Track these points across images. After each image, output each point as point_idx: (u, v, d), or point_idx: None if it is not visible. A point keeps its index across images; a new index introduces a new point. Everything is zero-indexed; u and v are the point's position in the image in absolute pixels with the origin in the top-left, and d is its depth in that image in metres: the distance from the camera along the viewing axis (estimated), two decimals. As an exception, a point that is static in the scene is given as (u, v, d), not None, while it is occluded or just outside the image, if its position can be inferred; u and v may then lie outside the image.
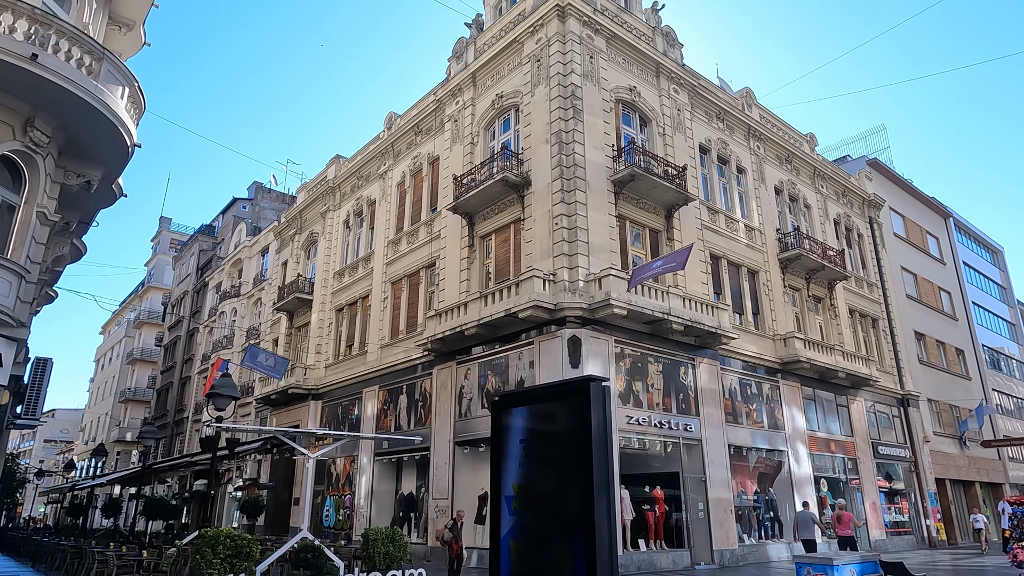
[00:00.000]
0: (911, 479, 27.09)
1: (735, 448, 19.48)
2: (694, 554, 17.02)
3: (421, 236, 22.97)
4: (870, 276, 29.52)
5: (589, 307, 16.33)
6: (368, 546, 12.72)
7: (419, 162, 24.18)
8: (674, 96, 21.78)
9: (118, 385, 58.64)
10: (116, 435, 53.68)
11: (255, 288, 37.19)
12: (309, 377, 26.54)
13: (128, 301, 65.29)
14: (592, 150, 18.24)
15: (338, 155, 30.68)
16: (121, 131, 10.97)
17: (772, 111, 27.84)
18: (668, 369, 18.33)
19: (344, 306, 26.91)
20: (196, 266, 49.44)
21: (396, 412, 21.85)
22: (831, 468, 23.21)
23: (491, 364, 18.41)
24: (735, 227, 22.70)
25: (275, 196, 48.34)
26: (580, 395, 5.11)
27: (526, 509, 5.26)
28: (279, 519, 26.61)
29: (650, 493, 17.19)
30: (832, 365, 22.82)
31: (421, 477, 20.47)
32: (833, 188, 29.12)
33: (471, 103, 21.92)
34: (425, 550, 18.48)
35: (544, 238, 17.57)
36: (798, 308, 24.51)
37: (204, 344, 42.38)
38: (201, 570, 10.82)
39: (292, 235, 32.85)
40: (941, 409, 31.61)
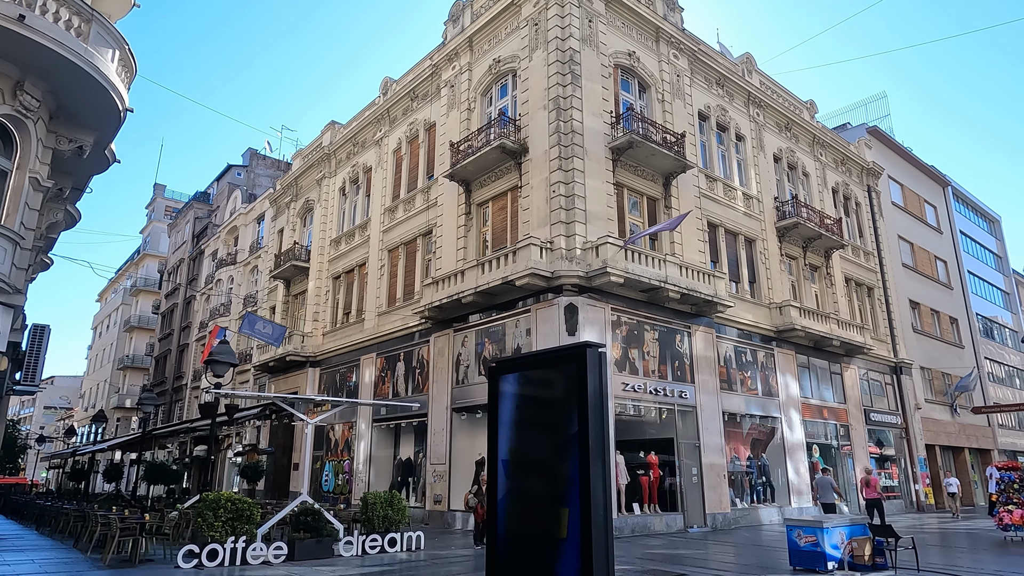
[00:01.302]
0: (902, 445, 27.51)
1: (729, 415, 19.71)
2: (687, 517, 17.35)
3: (418, 203, 22.85)
4: (867, 245, 29.53)
5: (586, 275, 16.34)
6: (367, 509, 12.95)
7: (415, 128, 23.92)
8: (674, 62, 21.48)
9: (116, 352, 58.83)
10: (115, 402, 54.05)
11: (251, 256, 37.10)
12: (307, 344, 26.64)
13: (124, 268, 65.13)
14: (590, 116, 18.05)
15: (333, 121, 30.33)
16: (112, 95, 10.81)
17: (773, 77, 27.50)
18: (664, 337, 18.44)
19: (341, 274, 26.88)
20: (192, 233, 49.21)
21: (394, 379, 22.00)
22: (823, 434, 23.54)
23: (488, 332, 18.49)
24: (733, 195, 22.61)
25: (270, 163, 47.90)
26: (577, 361, 5.14)
27: (522, 473, 5.34)
28: (279, 484, 26.98)
29: (645, 458, 17.42)
30: (827, 333, 22.97)
31: (419, 443, 20.71)
32: (832, 156, 28.94)
33: (468, 68, 21.60)
34: (423, 514, 18.79)
35: (541, 206, 17.49)
36: (794, 276, 24.56)
37: (201, 312, 42.43)
38: (203, 532, 11.02)
39: (288, 202, 32.64)
40: (933, 377, 31.95)
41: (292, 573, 10.35)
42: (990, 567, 11.52)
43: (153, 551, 12.47)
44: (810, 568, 10.40)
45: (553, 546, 5.01)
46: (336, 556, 12.03)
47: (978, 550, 14.33)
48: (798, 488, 21.01)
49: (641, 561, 11.62)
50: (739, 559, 12.53)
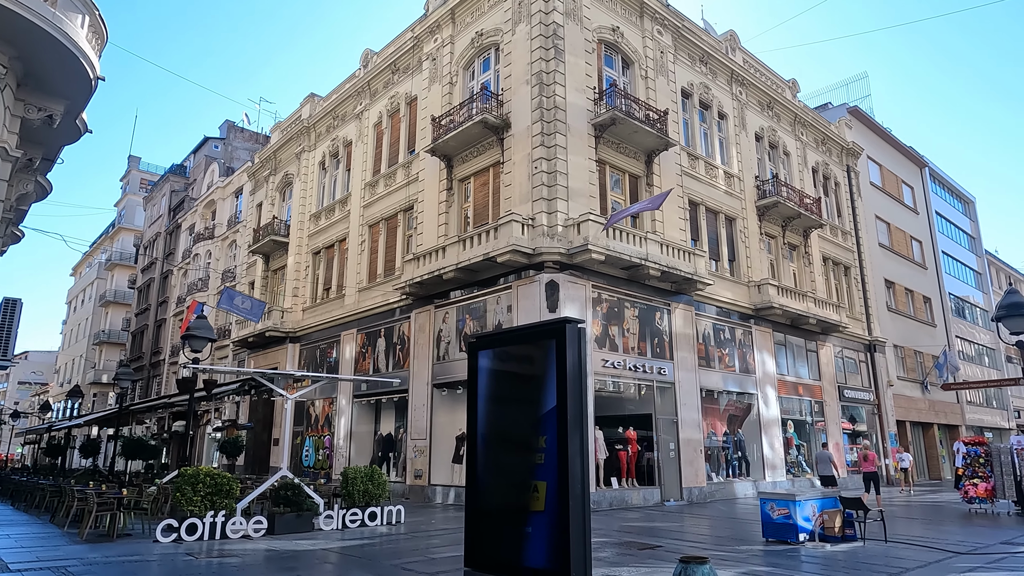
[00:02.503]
0: (873, 421, 28.15)
1: (707, 391, 20.00)
2: (664, 491, 17.66)
3: (399, 178, 22.63)
4: (845, 224, 29.86)
5: (567, 252, 16.36)
6: (347, 484, 13.01)
7: (396, 102, 23.60)
8: (657, 38, 21.35)
9: (92, 327, 58.00)
10: (92, 377, 53.42)
11: (229, 230, 36.59)
12: (286, 320, 26.46)
13: (99, 242, 63.94)
14: (573, 92, 17.92)
15: (313, 94, 29.81)
16: (82, 62, 10.50)
17: (756, 56, 27.46)
18: (644, 314, 18.58)
19: (321, 249, 26.64)
20: (168, 207, 48.36)
21: (374, 355, 21.97)
22: (798, 411, 24.00)
23: (469, 308, 18.49)
24: (714, 174, 22.68)
25: (248, 136, 47.08)
26: (556, 336, 5.18)
27: (501, 448, 5.39)
28: (259, 459, 26.96)
29: (623, 434, 17.66)
30: (804, 312, 23.30)
31: (399, 418, 20.77)
32: (813, 136, 29.09)
33: (450, 41, 21.28)
34: (404, 488, 18.92)
35: (523, 182, 17.41)
36: (773, 255, 24.80)
37: (179, 286, 41.89)
38: (182, 507, 11.01)
39: (266, 176, 32.15)
40: (906, 355, 32.63)
41: (272, 547, 10.39)
42: (954, 538, 11.90)
43: (131, 526, 12.43)
44: (782, 539, 10.67)
45: (531, 518, 5.08)
46: (316, 530, 12.09)
47: (944, 522, 14.78)
48: (772, 463, 21.46)
49: (618, 534, 11.83)
50: (714, 531, 12.80)
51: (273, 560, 9.41)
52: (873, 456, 17.35)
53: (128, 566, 8.66)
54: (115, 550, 9.89)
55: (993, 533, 12.60)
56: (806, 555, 9.76)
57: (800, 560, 9.38)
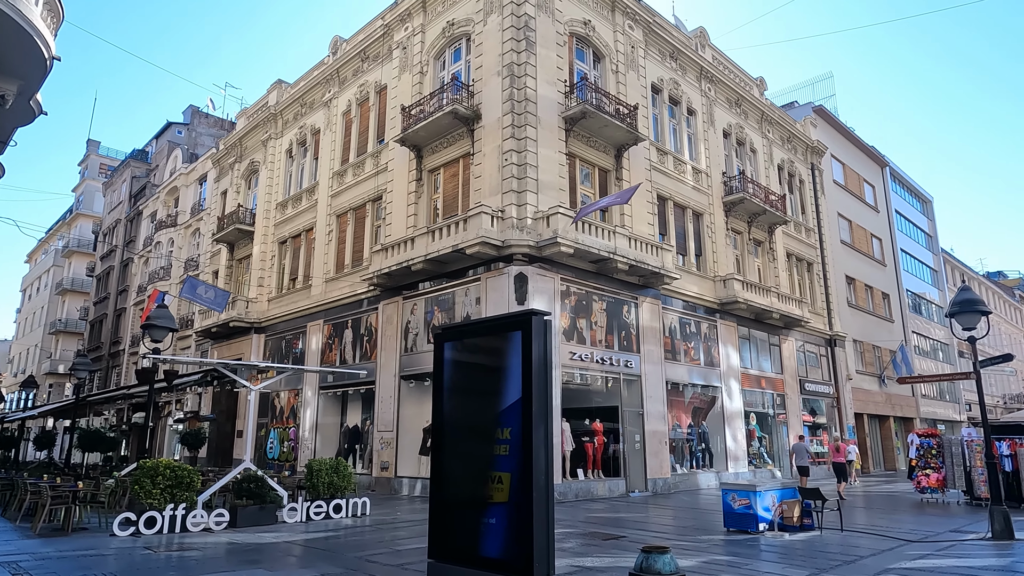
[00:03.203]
0: (833, 414, 28.88)
1: (672, 384, 20.27)
2: (629, 482, 17.87)
3: (368, 168, 22.37)
4: (808, 221, 30.47)
5: (536, 244, 16.38)
6: (312, 476, 12.89)
7: (366, 90, 23.30)
8: (629, 32, 21.44)
9: (48, 316, 56.31)
10: (47, 367, 51.89)
11: (193, 218, 35.80)
12: (251, 310, 26.02)
13: (55, 228, 61.99)
14: (544, 85, 17.91)
15: (280, 80, 29.25)
16: (37, 41, 10.11)
17: (725, 53, 27.77)
18: (612, 307, 18.72)
19: (287, 238, 26.23)
20: (129, 193, 47.07)
21: (341, 346, 21.75)
22: (761, 403, 24.49)
23: (438, 300, 18.41)
24: (683, 169, 22.91)
25: (213, 122, 46.04)
26: (522, 328, 5.18)
27: (467, 438, 5.38)
28: (222, 451, 26.53)
29: (590, 426, 17.81)
30: (768, 306, 23.73)
31: (366, 410, 20.62)
32: (779, 133, 29.58)
33: (421, 30, 21.07)
34: (370, 480, 18.81)
35: (493, 174, 17.36)
36: (739, 251, 25.19)
37: (140, 275, 40.86)
38: (140, 500, 10.78)
39: (232, 163, 31.50)
40: (864, 349, 33.50)
41: (234, 540, 10.24)
42: (907, 526, 12.29)
43: (88, 519, 12.15)
44: (743, 529, 10.90)
45: (495, 510, 5.09)
46: (280, 523, 11.97)
47: (897, 511, 15.26)
48: (735, 454, 21.87)
49: (583, 524, 11.94)
50: (677, 522, 13.01)
51: (235, 553, 9.28)
52: (844, 448, 18.35)
53: (83, 561, 8.45)
54: (70, 544, 9.65)
55: (943, 522, 13.06)
56: (765, 544, 9.98)
57: (759, 549, 9.59)
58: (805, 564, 8.39)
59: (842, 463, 18.11)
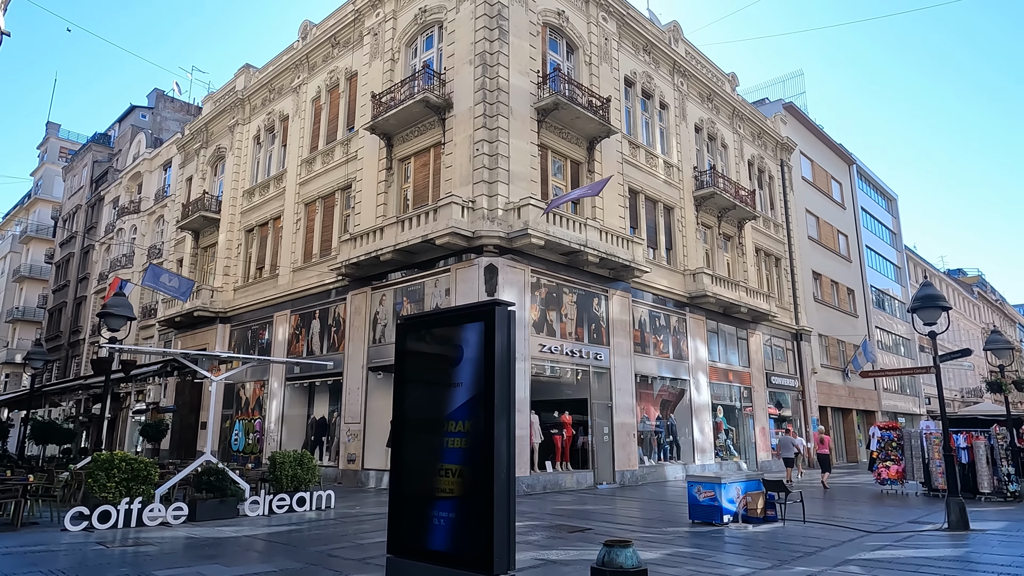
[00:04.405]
0: (798, 407, 29.37)
1: (641, 376, 20.36)
2: (597, 475, 17.92)
3: (337, 156, 21.99)
4: (777, 217, 30.85)
5: (507, 236, 16.26)
6: (275, 469, 12.65)
7: (336, 77, 22.87)
8: (603, 24, 21.36)
9: (4, 304, 54.58)
10: (4, 357, 50.36)
11: (157, 204, 34.91)
12: (216, 300, 25.47)
13: (13, 214, 60.05)
14: (517, 75, 17.75)
15: (248, 64, 28.60)
16: (-15, 15, 9.66)
17: (698, 48, 27.89)
18: (582, 300, 18.71)
19: (254, 227, 25.70)
20: (90, 178, 45.73)
21: (308, 337, 21.41)
22: (728, 396, 24.77)
23: (407, 291, 18.20)
24: (654, 163, 22.97)
25: (179, 106, 44.94)
26: (485, 319, 5.06)
27: (427, 431, 5.25)
28: (185, 443, 25.99)
29: (559, 418, 17.81)
30: (736, 301, 23.97)
31: (334, 402, 20.34)
32: (750, 129, 29.84)
33: (392, 16, 20.72)
34: (336, 472, 18.57)
35: (464, 164, 17.18)
36: (709, 245, 25.39)
37: (101, 262, 39.77)
38: (95, 493, 10.46)
39: (197, 149, 30.74)
40: (829, 343, 34.11)
41: (192, 534, 9.98)
42: (866, 516, 12.51)
43: (40, 514, 11.75)
44: (707, 521, 10.98)
45: (455, 503, 4.98)
46: (241, 516, 11.71)
47: (858, 502, 15.54)
48: (702, 446, 22.10)
49: (550, 517, 11.91)
50: (643, 514, 13.07)
51: (193, 548, 9.04)
52: (828, 440, 18.97)
53: (31, 557, 8.14)
54: (18, 540, 9.30)
55: (902, 513, 13.33)
56: (729, 536, 10.05)
57: (723, 541, 9.65)
58: (767, 555, 8.46)
59: (826, 454, 18.78)
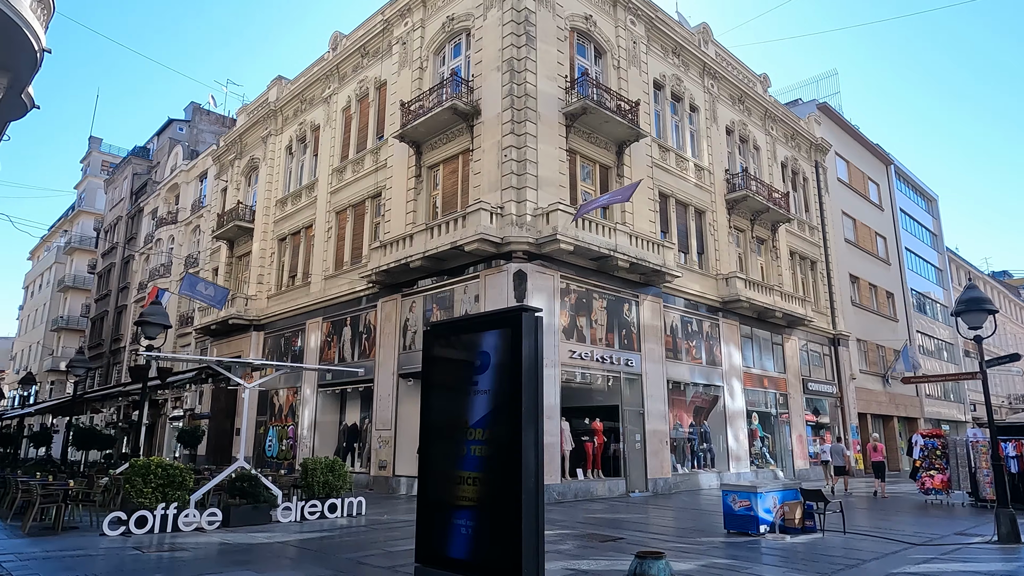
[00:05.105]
0: (836, 414, 28.63)
1: (673, 383, 20.06)
2: (629, 483, 17.68)
3: (367, 165, 22.20)
4: (812, 219, 30.21)
5: (536, 242, 16.18)
6: (307, 475, 12.74)
7: (365, 86, 23.12)
8: (631, 28, 21.21)
9: (50, 313, 56.31)
10: (49, 364, 51.89)
11: (193, 215, 35.70)
12: (251, 307, 25.88)
13: (57, 225, 62.02)
14: (544, 80, 17.70)
15: (280, 76, 29.09)
16: (26, 33, 9.97)
17: (728, 49, 27.51)
18: (612, 305, 18.52)
19: (287, 235, 26.08)
20: (130, 190, 47.01)
21: (340, 344, 21.59)
22: (763, 403, 24.26)
23: (436, 297, 18.23)
24: (685, 166, 22.68)
25: (214, 118, 45.95)
26: (512, 325, 4.99)
27: (456, 438, 5.19)
28: (221, 449, 26.39)
29: (590, 425, 17.62)
30: (770, 305, 23.50)
31: (365, 408, 20.46)
32: (783, 131, 29.31)
33: (420, 25, 20.88)
34: (368, 479, 18.65)
35: (493, 170, 17.17)
36: (741, 249, 24.96)
37: (140, 272, 40.80)
38: (132, 499, 10.64)
39: (232, 160, 31.36)
40: (868, 348, 33.23)
41: (226, 540, 10.08)
42: (910, 528, 12.08)
43: (79, 518, 12.00)
44: (743, 531, 10.70)
45: (482, 512, 4.90)
46: (274, 522, 11.81)
47: (901, 512, 15.03)
48: (737, 454, 21.66)
49: (581, 525, 11.75)
50: (677, 523, 12.82)
51: (226, 553, 9.12)
52: (882, 447, 18.82)
53: (69, 561, 8.30)
54: (58, 544, 9.49)
55: (948, 524, 12.84)
56: (766, 547, 9.79)
57: (760, 552, 9.40)
58: (807, 568, 8.20)
59: (881, 461, 18.66)
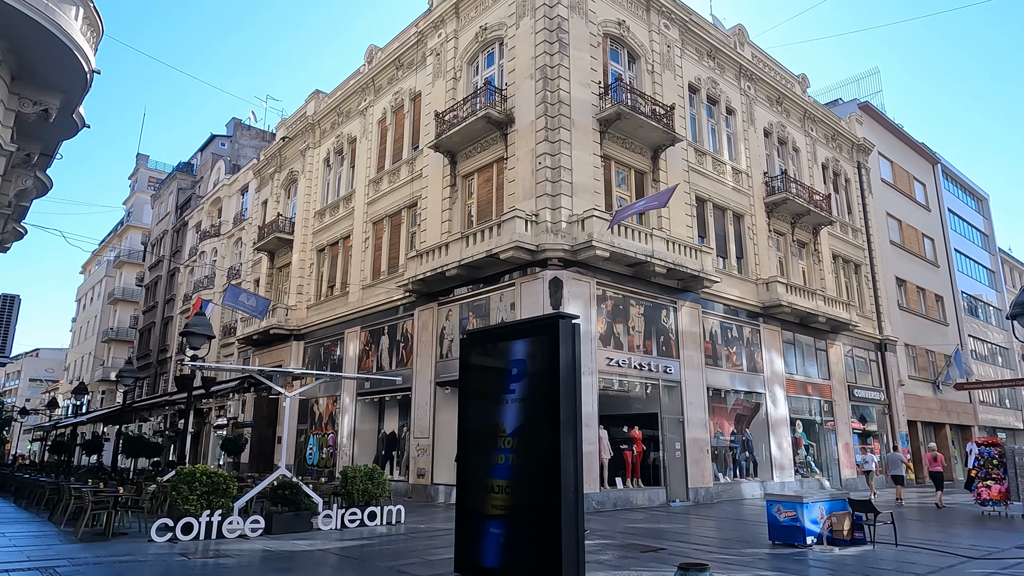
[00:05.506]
0: (884, 421, 27.74)
1: (714, 390, 19.70)
2: (670, 492, 17.39)
3: (403, 175, 22.45)
4: (855, 221, 29.44)
5: (571, 248, 16.11)
6: (346, 483, 12.85)
7: (400, 98, 23.41)
8: (664, 32, 21.05)
9: (100, 325, 58.23)
10: (100, 375, 53.62)
11: (235, 227, 36.57)
12: (291, 317, 26.34)
13: (107, 240, 64.21)
14: (578, 87, 17.67)
15: (317, 90, 29.68)
16: (77, 55, 10.34)
17: (765, 50, 27.09)
18: (650, 312, 18.31)
19: (325, 246, 26.51)
20: (175, 205, 48.45)
21: (378, 353, 21.80)
22: (807, 410, 23.65)
23: (473, 305, 18.28)
24: (722, 169, 22.35)
25: (254, 133, 47.07)
26: (549, 332, 4.95)
27: (491, 446, 5.16)
28: (263, 456, 26.88)
29: (628, 433, 17.40)
30: (813, 310, 22.93)
31: (403, 416, 20.60)
32: (823, 132, 28.68)
33: (454, 36, 21.07)
34: (407, 487, 18.75)
35: (527, 177, 17.18)
36: (782, 253, 24.45)
37: (185, 284, 41.93)
38: (178, 505, 10.87)
39: (272, 173, 32.07)
40: (917, 354, 32.15)
41: (268, 547, 10.22)
42: (966, 540, 11.59)
43: (129, 524, 12.32)
44: (789, 542, 10.41)
45: (520, 520, 4.86)
46: (315, 530, 11.93)
47: (955, 524, 14.45)
48: (780, 463, 21.13)
49: (622, 535, 11.59)
50: (720, 533, 12.54)
51: (268, 561, 9.24)
52: (941, 458, 18.50)
53: (118, 567, 8.51)
54: (108, 550, 9.75)
55: (1007, 537, 12.28)
56: (814, 559, 9.49)
57: (807, 564, 9.12)
58: (857, 581, 7.91)
59: (939, 472, 18.26)
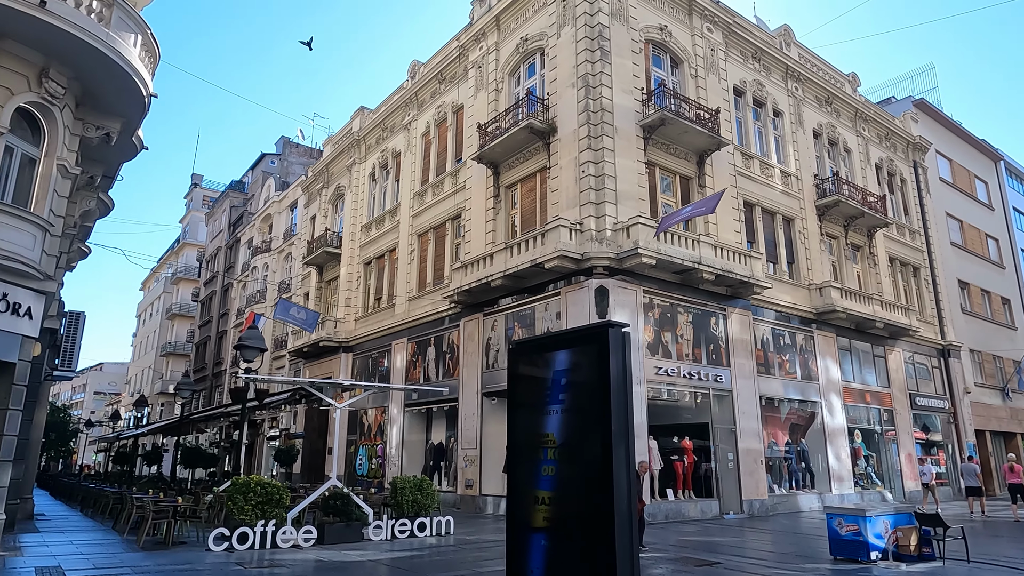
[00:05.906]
0: (949, 431, 26.51)
1: (766, 399, 19.16)
2: (723, 504, 16.95)
3: (446, 187, 22.65)
4: (913, 223, 28.36)
5: (617, 256, 15.95)
6: (396, 494, 12.93)
7: (443, 111, 23.68)
8: (707, 35, 20.76)
9: (159, 339, 60.38)
10: (159, 387, 55.55)
11: (285, 243, 37.49)
12: (339, 330, 26.80)
13: (165, 258, 66.67)
14: (620, 94, 17.54)
15: (362, 107, 30.29)
16: (136, 81, 10.79)
17: (812, 50, 26.44)
18: (698, 319, 17.95)
19: (372, 259, 26.92)
20: (228, 222, 50.00)
21: (425, 364, 21.96)
22: (866, 419, 22.78)
23: (518, 315, 18.25)
24: (770, 173, 21.85)
25: (303, 150, 48.29)
26: (598, 341, 4.86)
27: (541, 457, 5.09)
28: (314, 467, 27.32)
29: (679, 443, 17.06)
30: (870, 315, 22.13)
31: (450, 427, 20.66)
32: (876, 131, 27.78)
33: (495, 48, 21.22)
34: (455, 498, 18.76)
35: (570, 186, 17.11)
36: (835, 256, 23.71)
37: (238, 299, 43.14)
38: (234, 515, 11.10)
39: (319, 189, 32.81)
40: (984, 360, 30.66)
41: (321, 557, 10.34)
42: (1046, 558, 10.91)
43: (187, 533, 12.65)
44: (851, 558, 9.99)
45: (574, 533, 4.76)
46: (366, 540, 12.03)
47: (1033, 540, 13.65)
48: (839, 474, 20.37)
49: (675, 548, 11.33)
50: (777, 547, 12.14)
51: (321, 571, 9.35)
52: (1020, 468, 17.66)
53: (179, 575, 8.72)
54: (168, 558, 10.02)
55: (1091, 554, 11.52)
56: (879, 575, 9.08)
57: (872, 581, 8.73)
58: (927, 600, 7.52)
59: (1019, 483, 17.50)
